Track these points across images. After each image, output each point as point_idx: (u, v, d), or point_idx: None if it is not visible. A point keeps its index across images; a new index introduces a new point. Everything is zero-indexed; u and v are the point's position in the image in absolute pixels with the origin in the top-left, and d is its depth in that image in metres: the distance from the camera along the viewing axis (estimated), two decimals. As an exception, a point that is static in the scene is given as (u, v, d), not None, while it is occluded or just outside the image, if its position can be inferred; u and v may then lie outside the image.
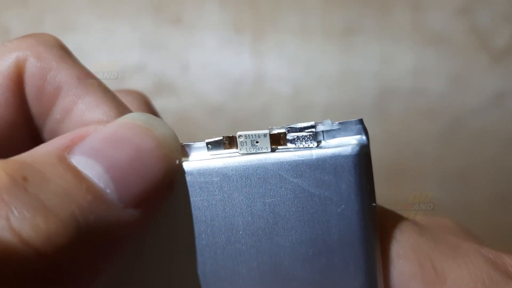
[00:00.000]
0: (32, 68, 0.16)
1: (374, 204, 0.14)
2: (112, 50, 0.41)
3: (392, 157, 0.39)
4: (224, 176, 0.14)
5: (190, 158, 0.15)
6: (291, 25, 0.40)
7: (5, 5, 0.41)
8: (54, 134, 0.17)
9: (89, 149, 0.13)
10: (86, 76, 0.17)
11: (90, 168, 0.12)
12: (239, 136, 0.14)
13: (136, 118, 0.14)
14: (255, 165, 0.14)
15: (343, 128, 0.15)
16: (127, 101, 0.18)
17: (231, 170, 0.14)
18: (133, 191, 0.13)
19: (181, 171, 0.14)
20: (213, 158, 0.14)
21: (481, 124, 0.39)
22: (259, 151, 0.14)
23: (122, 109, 0.16)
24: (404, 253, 0.15)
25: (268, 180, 0.14)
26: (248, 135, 0.14)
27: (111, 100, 0.16)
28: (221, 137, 0.15)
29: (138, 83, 0.41)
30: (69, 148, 0.13)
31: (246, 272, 0.15)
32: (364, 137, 0.14)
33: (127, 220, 0.13)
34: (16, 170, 0.12)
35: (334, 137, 0.15)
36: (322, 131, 0.15)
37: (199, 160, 0.14)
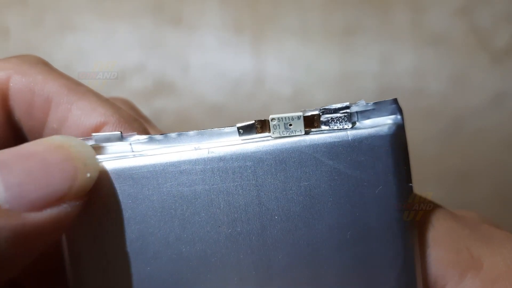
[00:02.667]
0: (17, 85, 0.16)
1: (410, 184, 0.14)
2: (112, 50, 0.41)
3: (392, 157, 0.39)
4: (258, 160, 0.14)
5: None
6: (291, 25, 0.40)
7: (5, 5, 0.41)
8: None
9: None
10: (75, 84, 0.17)
11: None
12: (272, 119, 0.14)
13: (53, 138, 0.14)
14: (290, 148, 0.14)
15: (377, 108, 0.14)
16: None
17: (265, 154, 0.14)
18: (29, 196, 0.13)
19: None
20: (246, 143, 0.14)
21: (481, 124, 0.39)
22: (292, 134, 0.14)
23: (117, 108, 0.17)
24: (441, 238, 0.15)
25: (303, 163, 0.14)
26: (281, 118, 0.14)
27: (104, 102, 0.17)
28: (253, 121, 0.14)
29: (138, 83, 0.41)
30: None
31: (282, 259, 0.14)
32: (399, 117, 0.14)
33: (33, 223, 0.13)
34: None
35: (368, 118, 0.14)
36: (356, 112, 0.14)
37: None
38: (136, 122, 0.17)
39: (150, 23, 0.41)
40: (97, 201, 0.14)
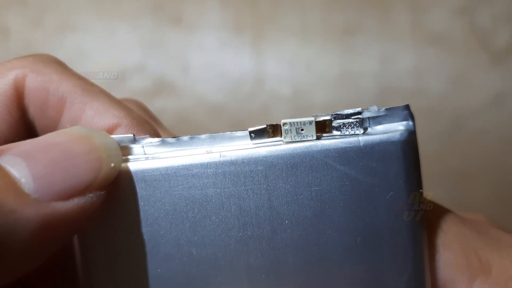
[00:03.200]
0: (33, 83, 0.16)
1: (421, 191, 0.14)
2: (112, 50, 0.41)
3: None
4: (269, 164, 0.14)
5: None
6: (291, 25, 0.40)
7: (5, 4, 0.41)
8: None
9: (18, 150, 0.13)
10: (88, 85, 0.17)
11: (10, 161, 0.13)
12: (284, 124, 0.14)
13: (75, 128, 0.14)
14: (301, 153, 0.14)
15: (389, 114, 0.14)
16: None
17: (277, 158, 0.14)
18: (57, 186, 0.13)
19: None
20: (257, 147, 0.14)
21: (481, 124, 0.39)
22: (304, 139, 0.14)
23: (129, 110, 0.17)
24: (450, 243, 0.15)
25: (314, 168, 0.14)
26: (293, 123, 0.14)
27: (117, 103, 0.17)
28: (265, 126, 0.14)
29: (138, 83, 0.41)
30: (3, 152, 0.13)
31: (292, 263, 0.14)
32: (411, 123, 0.14)
33: (60, 213, 0.13)
34: None
35: (380, 123, 0.14)
36: (368, 118, 0.14)
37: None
38: (148, 125, 0.17)
39: (150, 23, 0.41)
40: (109, 202, 0.14)
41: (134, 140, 0.15)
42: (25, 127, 0.17)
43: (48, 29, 0.41)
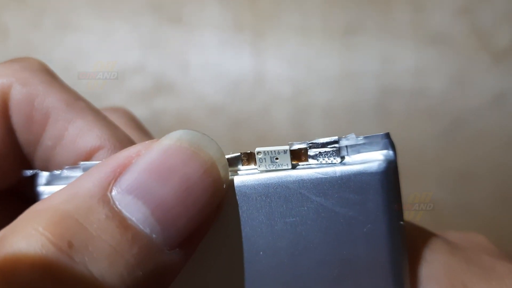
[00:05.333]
0: (18, 95, 0.15)
1: (402, 223, 0.14)
2: (112, 50, 0.41)
3: (392, 157, 0.39)
4: (243, 195, 0.14)
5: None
6: (292, 25, 0.40)
7: (4, 4, 0.41)
8: (46, 162, 0.16)
9: (133, 185, 0.11)
10: (74, 100, 0.16)
11: (135, 210, 0.11)
12: (258, 152, 0.14)
13: (181, 139, 0.12)
14: (275, 183, 0.14)
15: (368, 142, 0.14)
16: (113, 119, 0.17)
17: (250, 188, 0.14)
18: (180, 231, 0.11)
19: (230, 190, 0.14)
20: (231, 176, 0.14)
21: (481, 124, 0.39)
22: (279, 168, 0.14)
23: (114, 130, 0.16)
24: (435, 274, 0.14)
25: (289, 199, 0.13)
26: (267, 152, 0.13)
27: (102, 122, 0.16)
28: (239, 153, 0.14)
29: (138, 83, 0.41)
30: (112, 183, 0.12)
31: None
32: (391, 152, 0.13)
33: (173, 262, 0.12)
34: (61, 235, 0.11)
35: (359, 152, 0.14)
36: (346, 146, 0.14)
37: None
38: (131, 145, 0.17)
39: (150, 22, 0.41)
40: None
41: None
42: (10, 142, 0.16)
43: (48, 29, 0.41)
